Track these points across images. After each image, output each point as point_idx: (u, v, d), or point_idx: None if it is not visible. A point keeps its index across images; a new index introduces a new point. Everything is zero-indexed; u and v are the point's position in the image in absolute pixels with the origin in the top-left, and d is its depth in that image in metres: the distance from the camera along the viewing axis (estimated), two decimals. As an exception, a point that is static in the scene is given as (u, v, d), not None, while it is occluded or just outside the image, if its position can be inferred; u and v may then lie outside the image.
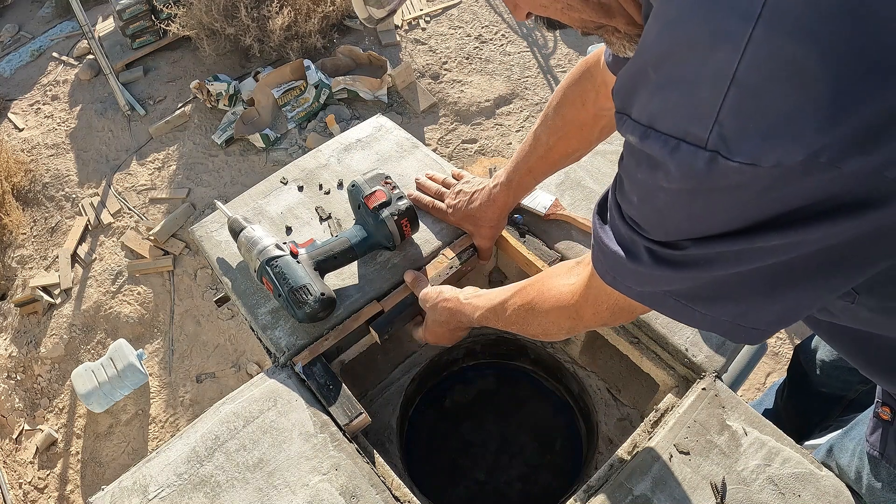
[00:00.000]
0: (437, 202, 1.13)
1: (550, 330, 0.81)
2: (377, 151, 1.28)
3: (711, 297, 0.53)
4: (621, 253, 0.56)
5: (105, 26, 3.78)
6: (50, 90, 3.61)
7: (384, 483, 0.87)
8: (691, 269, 0.51)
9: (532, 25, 3.49)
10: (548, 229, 1.11)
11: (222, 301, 1.17)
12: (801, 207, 0.42)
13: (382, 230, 1.03)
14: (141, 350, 2.36)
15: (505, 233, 1.10)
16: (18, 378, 2.46)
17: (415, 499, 0.86)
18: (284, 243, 1.01)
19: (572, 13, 0.57)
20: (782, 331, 2.19)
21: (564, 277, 0.77)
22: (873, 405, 0.82)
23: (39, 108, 3.52)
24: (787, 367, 1.37)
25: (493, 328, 0.92)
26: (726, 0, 0.38)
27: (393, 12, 0.64)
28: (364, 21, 0.64)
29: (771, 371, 2.12)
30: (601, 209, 0.60)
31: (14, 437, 2.32)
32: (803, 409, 1.33)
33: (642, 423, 0.92)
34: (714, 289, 0.52)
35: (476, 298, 0.93)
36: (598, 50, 0.92)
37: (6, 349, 2.52)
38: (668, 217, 0.49)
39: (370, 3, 0.61)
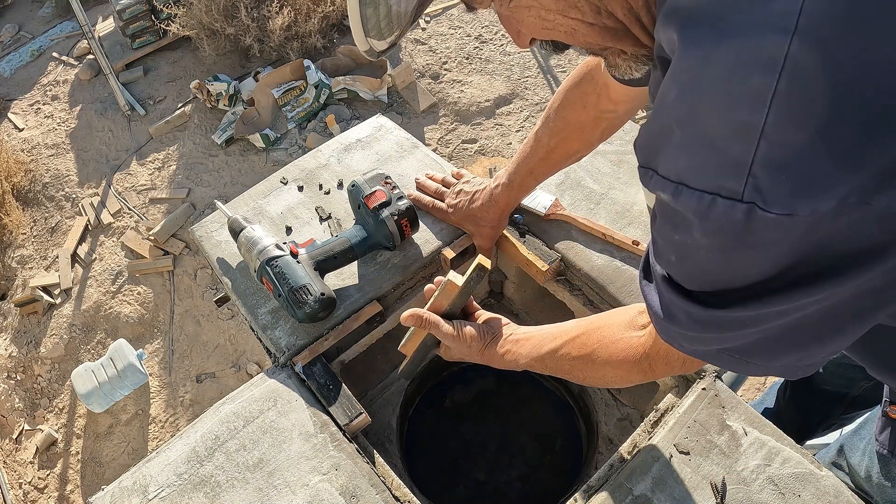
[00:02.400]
0: (437, 202, 1.13)
1: (615, 381, 0.78)
2: (377, 151, 1.28)
3: (763, 351, 0.54)
4: (662, 315, 0.56)
5: (105, 26, 3.78)
6: (50, 90, 3.61)
7: (384, 483, 0.87)
8: (735, 330, 0.51)
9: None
10: (548, 229, 1.11)
11: (222, 301, 1.17)
12: (837, 253, 0.43)
13: (382, 230, 1.03)
14: (141, 350, 2.36)
15: (505, 233, 1.10)
16: (18, 378, 2.46)
17: (415, 499, 0.86)
18: (284, 243, 1.01)
19: (577, 37, 0.57)
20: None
21: (630, 329, 0.74)
22: (881, 404, 0.82)
23: (39, 108, 3.52)
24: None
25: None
26: (747, 58, 0.39)
27: (394, 45, 0.63)
28: (365, 54, 0.63)
29: (771, 371, 2.12)
30: (645, 270, 0.60)
31: (14, 437, 2.32)
32: (805, 407, 1.33)
33: (642, 423, 0.92)
34: (765, 344, 0.53)
35: (518, 345, 0.85)
36: None
37: (6, 349, 2.52)
38: (709, 271, 0.49)
39: (371, 35, 0.59)
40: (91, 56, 3.64)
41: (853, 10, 0.36)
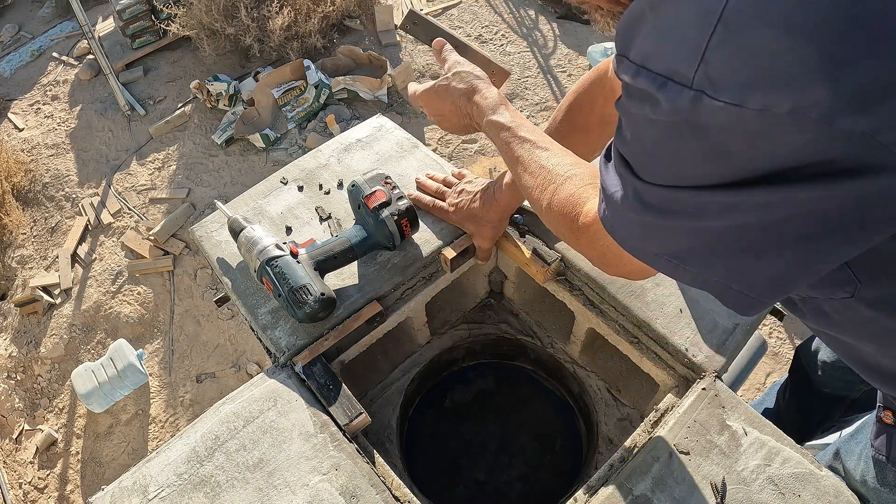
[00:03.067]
0: (437, 201, 1.13)
1: (550, 222, 0.78)
2: (377, 151, 1.27)
3: (700, 256, 0.52)
4: (614, 193, 0.56)
5: (105, 26, 3.78)
6: (50, 90, 3.61)
7: (384, 483, 0.87)
8: (677, 218, 0.50)
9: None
10: (548, 229, 1.11)
11: (222, 301, 1.17)
12: (791, 167, 0.41)
13: (382, 230, 1.03)
14: (141, 350, 2.36)
15: (505, 232, 1.10)
16: (18, 378, 2.46)
17: (415, 499, 0.86)
18: (284, 243, 1.01)
19: None
20: (782, 330, 2.19)
21: (588, 186, 0.72)
22: (876, 409, 0.82)
23: (39, 108, 3.52)
24: (787, 367, 1.37)
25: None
26: None
27: None
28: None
29: (771, 371, 2.12)
30: (607, 150, 0.60)
31: (14, 437, 2.32)
32: (805, 409, 1.33)
33: (642, 423, 0.92)
34: (702, 247, 0.51)
35: (502, 116, 0.85)
36: (609, 58, 0.93)
37: (6, 349, 2.52)
38: (655, 157, 0.49)
39: None
40: (91, 56, 3.64)
41: None
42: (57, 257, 2.76)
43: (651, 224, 0.53)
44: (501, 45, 3.38)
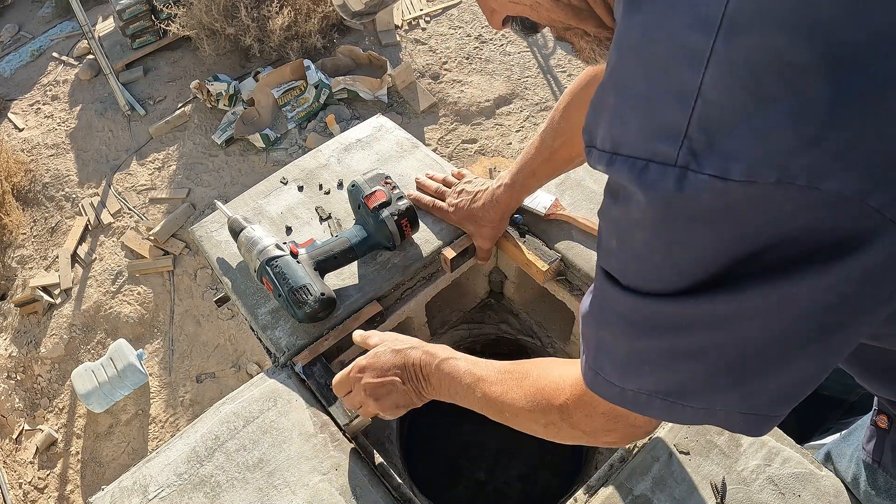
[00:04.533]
0: (437, 201, 1.13)
1: (523, 425, 0.70)
2: (377, 151, 1.28)
3: (699, 386, 0.47)
4: (598, 330, 0.52)
5: (105, 26, 3.78)
6: (50, 90, 3.61)
7: (384, 483, 0.87)
8: (669, 336, 0.46)
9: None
10: (548, 229, 1.11)
11: (222, 301, 1.17)
12: (785, 246, 0.39)
13: (382, 230, 1.03)
14: (141, 350, 2.36)
15: (506, 232, 1.10)
16: (18, 378, 2.46)
17: (415, 499, 0.86)
18: (284, 243, 1.01)
19: (541, 11, 0.56)
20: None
21: (564, 367, 0.68)
22: (871, 412, 0.82)
23: (39, 108, 3.52)
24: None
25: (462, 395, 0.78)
26: (685, 16, 0.37)
27: (374, 12, 0.61)
28: (338, 10, 0.60)
29: (771, 371, 2.13)
30: (586, 299, 0.56)
31: (14, 437, 2.32)
32: (803, 411, 1.32)
33: (642, 423, 0.92)
34: (701, 375, 0.47)
35: (448, 358, 0.79)
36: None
37: (6, 349, 2.52)
38: (647, 261, 0.45)
39: None
40: (91, 56, 3.64)
41: None
42: (57, 257, 2.76)
43: (641, 350, 0.49)
44: (501, 45, 3.39)
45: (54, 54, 3.83)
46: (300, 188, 1.21)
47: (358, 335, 0.90)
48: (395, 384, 0.81)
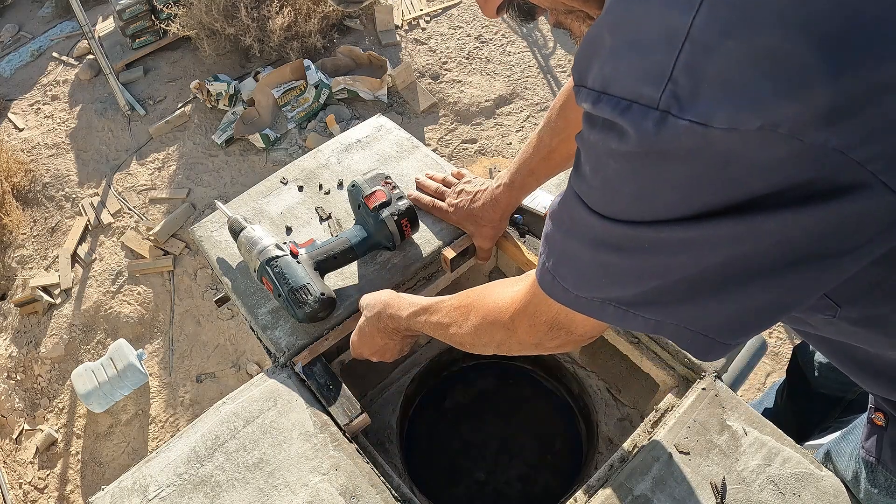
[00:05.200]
0: (437, 201, 1.13)
1: (479, 340, 0.75)
2: (377, 151, 1.28)
3: (655, 298, 0.48)
4: (563, 238, 0.53)
5: (105, 26, 3.78)
6: (50, 90, 3.61)
7: (384, 483, 0.87)
8: (633, 256, 0.47)
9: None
10: (548, 229, 1.11)
11: (222, 301, 1.17)
12: (760, 194, 0.39)
13: (382, 230, 1.03)
14: (141, 350, 2.36)
15: (505, 232, 1.10)
16: (18, 378, 2.46)
17: (415, 499, 0.86)
18: (284, 243, 1.01)
19: None
20: (782, 330, 2.19)
21: (508, 286, 0.72)
22: (868, 409, 0.82)
23: (39, 108, 3.52)
24: (786, 367, 1.37)
25: (428, 334, 0.87)
26: None
27: (362, 1, 0.61)
28: (333, 1, 0.62)
29: (771, 371, 2.12)
30: (553, 204, 0.57)
31: (14, 437, 2.32)
32: (802, 409, 1.33)
33: (642, 423, 0.92)
34: (658, 288, 0.48)
35: (412, 297, 0.90)
36: None
37: (6, 349, 2.52)
38: (617, 191, 0.45)
39: None
40: (91, 56, 3.64)
41: None
42: (57, 257, 2.76)
43: (604, 265, 0.50)
44: (501, 45, 3.38)
45: (54, 54, 3.83)
46: (300, 188, 1.21)
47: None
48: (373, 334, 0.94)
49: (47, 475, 2.22)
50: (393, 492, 0.86)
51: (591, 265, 0.51)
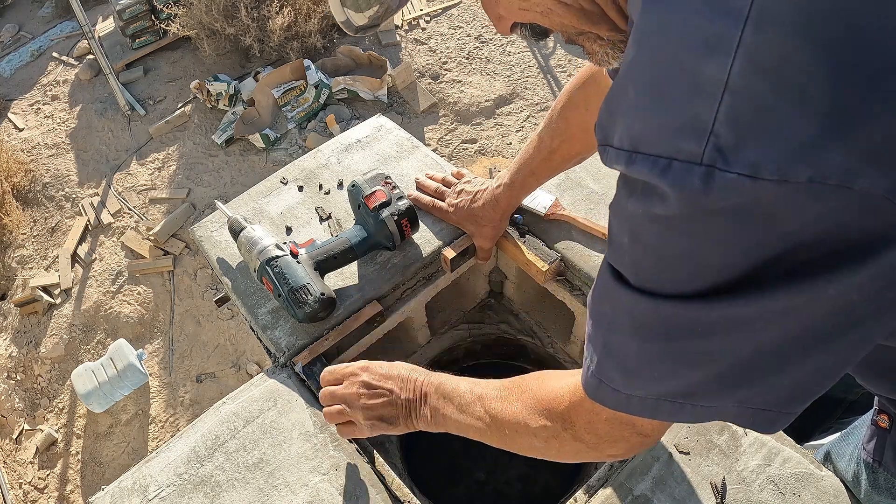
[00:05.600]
0: (437, 201, 1.12)
1: (526, 429, 0.65)
2: (377, 151, 1.28)
3: (710, 385, 0.45)
4: (606, 332, 0.49)
5: (105, 26, 3.78)
6: (50, 90, 3.61)
7: (384, 483, 0.87)
8: (681, 340, 0.43)
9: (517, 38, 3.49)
10: (548, 229, 1.11)
11: (222, 301, 1.17)
12: (813, 255, 0.37)
13: (382, 230, 1.03)
14: (141, 350, 2.36)
15: (505, 232, 1.10)
16: (18, 378, 2.46)
17: (415, 499, 0.86)
18: (284, 243, 1.01)
19: (553, 17, 0.54)
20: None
21: (568, 375, 0.65)
22: (871, 412, 0.82)
23: (39, 108, 3.52)
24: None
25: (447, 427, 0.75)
26: (711, 5, 0.36)
27: (376, 24, 0.57)
28: (343, 26, 0.58)
29: (771, 371, 2.12)
30: (589, 303, 0.53)
31: (14, 437, 2.32)
32: (803, 411, 1.32)
33: (642, 423, 0.92)
34: (712, 375, 0.45)
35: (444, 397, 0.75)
36: None
37: (6, 349, 2.52)
38: (661, 258, 0.42)
39: (347, 5, 0.55)
40: (91, 56, 3.64)
41: None
42: (57, 257, 2.76)
43: (652, 355, 0.46)
44: (501, 44, 3.38)
45: (54, 54, 3.83)
46: (300, 188, 1.21)
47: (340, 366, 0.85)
48: (393, 392, 0.77)
49: (47, 475, 2.22)
50: (393, 492, 0.86)
51: (639, 358, 0.48)
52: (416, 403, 0.77)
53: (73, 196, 3.02)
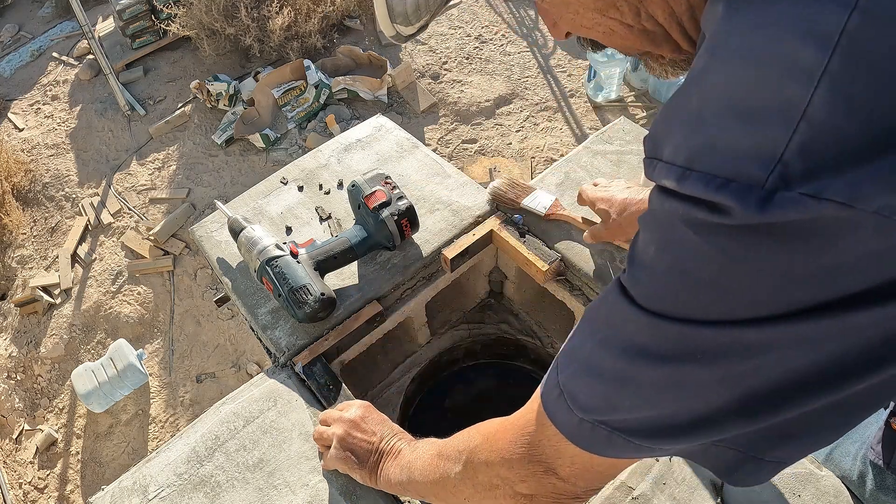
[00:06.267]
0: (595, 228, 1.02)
1: (484, 480, 0.60)
2: (377, 151, 1.28)
3: (696, 420, 0.41)
4: (592, 346, 0.46)
5: (105, 26, 3.78)
6: (50, 90, 3.61)
7: (384, 483, 0.87)
8: (682, 365, 0.40)
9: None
10: (548, 229, 1.11)
11: (222, 301, 1.17)
12: (857, 290, 0.34)
13: (382, 230, 1.03)
14: (141, 350, 2.36)
15: (505, 233, 1.10)
16: (18, 378, 2.46)
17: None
18: (284, 243, 1.01)
19: (614, 38, 0.52)
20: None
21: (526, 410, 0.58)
22: (885, 412, 0.82)
23: (39, 108, 3.52)
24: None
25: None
26: (799, 29, 0.33)
27: (423, 28, 0.56)
28: (392, 39, 0.58)
29: (771, 371, 2.12)
30: (585, 314, 0.50)
31: (14, 437, 2.32)
32: None
33: (642, 423, 0.92)
34: (703, 406, 0.40)
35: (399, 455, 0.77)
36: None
37: (6, 349, 2.52)
38: (687, 276, 0.38)
39: (397, 21, 0.54)
40: (91, 56, 3.64)
41: None
42: (57, 257, 2.76)
43: (639, 380, 0.42)
44: (501, 45, 3.38)
45: (54, 54, 3.83)
46: (300, 188, 1.21)
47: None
48: (375, 436, 0.81)
49: (47, 475, 2.22)
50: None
51: (615, 380, 0.44)
52: (384, 458, 0.80)
53: (73, 196, 3.02)
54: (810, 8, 0.33)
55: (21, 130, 3.41)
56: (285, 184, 1.23)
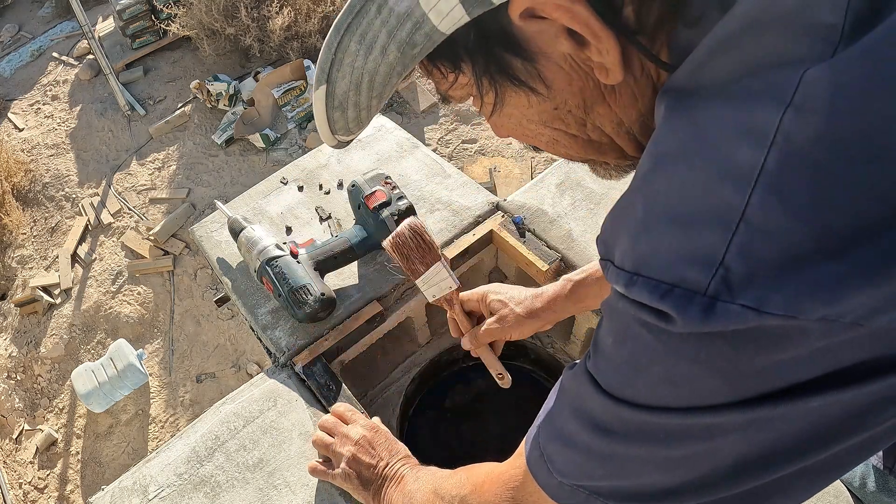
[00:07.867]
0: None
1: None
2: (377, 151, 1.28)
3: (666, 491, 0.42)
4: (567, 416, 0.47)
5: (105, 26, 3.78)
6: (50, 90, 3.61)
7: (384, 483, 0.87)
8: (642, 445, 0.41)
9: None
10: (548, 229, 1.11)
11: (222, 301, 1.17)
12: (805, 379, 0.35)
13: (382, 230, 1.03)
14: (141, 350, 2.36)
15: (505, 233, 1.10)
16: (18, 378, 2.46)
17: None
18: (284, 243, 1.01)
19: (558, 147, 0.51)
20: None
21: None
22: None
23: (39, 108, 3.53)
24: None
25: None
26: (734, 129, 0.33)
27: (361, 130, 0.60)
28: (333, 147, 0.58)
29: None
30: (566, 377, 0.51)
31: (14, 437, 2.32)
32: None
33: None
34: (668, 482, 0.41)
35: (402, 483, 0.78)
36: None
37: (6, 349, 2.52)
38: (642, 370, 0.39)
39: (338, 133, 0.55)
40: (91, 56, 3.64)
41: (866, 79, 0.30)
42: (57, 257, 2.76)
43: (604, 454, 0.44)
44: (501, 45, 3.38)
45: (54, 54, 3.83)
46: (300, 188, 1.21)
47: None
48: (382, 460, 0.82)
49: (47, 475, 2.22)
50: (393, 492, 0.86)
51: (587, 452, 0.45)
52: (386, 482, 0.81)
53: (73, 196, 3.02)
54: (745, 106, 0.33)
55: (21, 130, 3.41)
56: (285, 184, 1.23)
